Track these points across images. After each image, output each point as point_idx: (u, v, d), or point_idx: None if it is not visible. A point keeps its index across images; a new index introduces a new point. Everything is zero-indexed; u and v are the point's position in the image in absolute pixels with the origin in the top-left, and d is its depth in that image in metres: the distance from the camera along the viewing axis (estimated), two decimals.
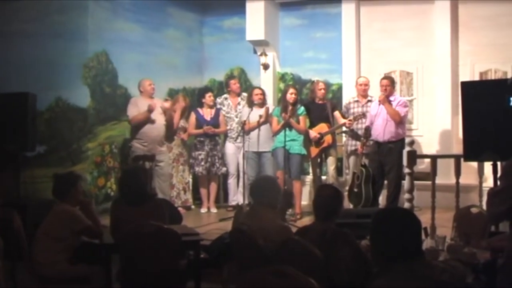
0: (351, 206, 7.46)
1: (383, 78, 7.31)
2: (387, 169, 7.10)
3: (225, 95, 8.44)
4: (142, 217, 4.28)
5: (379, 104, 7.17)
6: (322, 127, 7.46)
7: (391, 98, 7.17)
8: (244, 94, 8.40)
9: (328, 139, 7.44)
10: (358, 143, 7.42)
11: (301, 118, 7.34)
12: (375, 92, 7.63)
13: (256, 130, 7.64)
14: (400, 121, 7.10)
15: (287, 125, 7.16)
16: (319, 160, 7.65)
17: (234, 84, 8.33)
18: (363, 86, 7.72)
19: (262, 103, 7.73)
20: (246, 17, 8.88)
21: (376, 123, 7.16)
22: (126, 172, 5.01)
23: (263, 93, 7.87)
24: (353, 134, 7.67)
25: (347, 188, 7.77)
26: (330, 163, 7.53)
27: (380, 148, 7.14)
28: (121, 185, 4.77)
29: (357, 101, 7.77)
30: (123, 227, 4.27)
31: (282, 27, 9.25)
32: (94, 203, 7.15)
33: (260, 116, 7.56)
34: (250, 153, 7.70)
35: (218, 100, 8.39)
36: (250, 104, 7.72)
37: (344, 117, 7.64)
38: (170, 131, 7.91)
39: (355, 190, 7.16)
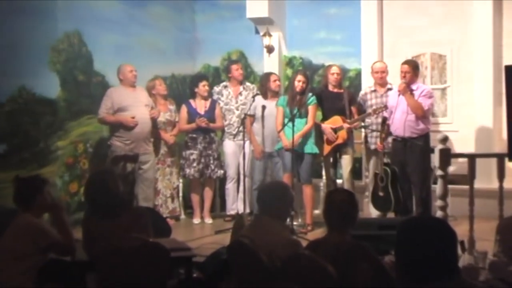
0: (373, 214, 7.45)
1: (403, 63, 7.25)
2: (410, 171, 7.06)
3: (225, 83, 8.44)
4: (120, 230, 4.27)
5: (399, 95, 7.12)
6: (336, 120, 7.44)
7: (413, 87, 7.11)
8: (248, 84, 8.40)
9: (342, 134, 7.40)
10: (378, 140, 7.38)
11: (310, 108, 7.29)
12: (397, 80, 7.56)
13: (260, 126, 7.66)
14: (423, 115, 7.05)
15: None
16: (331, 159, 7.62)
17: (237, 70, 8.32)
18: (379, 74, 7.69)
19: (278, 93, 7.79)
20: None
21: (395, 117, 7.12)
22: (90, 179, 4.98)
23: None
24: (373, 130, 7.62)
25: (367, 193, 7.75)
26: (346, 164, 7.49)
27: (400, 146, 7.09)
28: (86, 194, 4.74)
29: (374, 91, 7.74)
30: (98, 242, 4.25)
31: (289, 3, 9.25)
32: (66, 213, 7.13)
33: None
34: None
35: (216, 88, 8.40)
36: (265, 93, 7.72)
37: (360, 112, 7.62)
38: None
39: (381, 194, 7.11)
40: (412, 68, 7.17)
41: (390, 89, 7.62)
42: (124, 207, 4.57)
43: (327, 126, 7.42)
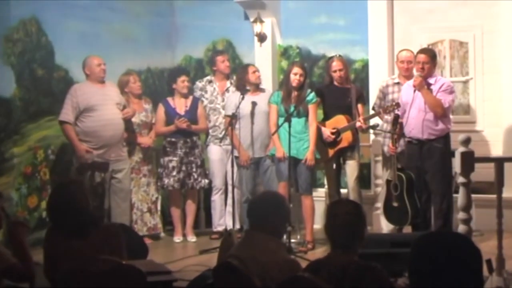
0: (384, 230, 7.45)
1: (420, 52, 7.22)
2: (428, 178, 7.07)
3: (209, 77, 8.46)
4: (88, 251, 4.26)
5: (414, 90, 7.11)
6: (339, 120, 7.46)
7: (431, 81, 7.10)
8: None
9: (347, 136, 7.42)
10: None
11: (310, 107, 7.34)
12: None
13: (249, 127, 7.64)
14: (443, 114, 7.05)
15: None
16: (334, 165, 7.62)
17: (223, 62, 8.35)
18: (405, 64, 7.65)
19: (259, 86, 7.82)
20: None
21: (410, 116, 7.09)
22: (53, 191, 4.97)
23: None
24: (383, 131, 7.63)
25: (378, 205, 7.75)
26: (351, 171, 7.51)
27: (416, 149, 7.10)
28: (49, 210, 4.74)
29: (398, 83, 7.72)
30: (62, 265, 4.24)
31: None
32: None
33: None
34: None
35: (199, 84, 8.41)
36: (242, 87, 7.72)
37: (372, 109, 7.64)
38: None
39: (395, 204, 7.10)
40: (431, 58, 7.16)
41: None
42: (93, 224, 4.56)
43: (325, 129, 7.43)
